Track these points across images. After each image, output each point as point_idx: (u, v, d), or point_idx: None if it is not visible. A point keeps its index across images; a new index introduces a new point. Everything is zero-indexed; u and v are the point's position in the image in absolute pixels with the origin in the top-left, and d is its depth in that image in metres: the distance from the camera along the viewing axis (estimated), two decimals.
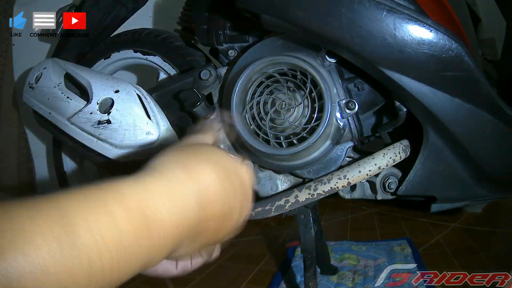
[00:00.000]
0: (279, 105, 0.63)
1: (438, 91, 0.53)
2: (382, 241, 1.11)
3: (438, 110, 0.54)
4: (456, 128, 0.55)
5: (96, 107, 0.63)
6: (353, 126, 0.65)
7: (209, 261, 0.44)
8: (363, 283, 0.87)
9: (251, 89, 0.65)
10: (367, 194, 0.69)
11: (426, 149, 0.59)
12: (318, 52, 0.63)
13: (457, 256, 0.98)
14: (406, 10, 0.51)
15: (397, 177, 0.65)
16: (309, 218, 0.71)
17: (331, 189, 0.64)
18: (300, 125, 0.62)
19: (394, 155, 0.62)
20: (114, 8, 0.92)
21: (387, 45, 0.52)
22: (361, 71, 0.59)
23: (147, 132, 0.64)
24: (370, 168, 0.62)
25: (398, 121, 0.60)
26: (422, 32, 0.51)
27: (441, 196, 0.62)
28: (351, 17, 0.52)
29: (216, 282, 0.98)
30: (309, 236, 0.72)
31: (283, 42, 0.66)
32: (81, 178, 1.25)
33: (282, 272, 0.96)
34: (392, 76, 0.54)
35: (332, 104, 0.61)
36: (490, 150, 0.58)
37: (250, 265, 1.05)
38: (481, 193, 0.61)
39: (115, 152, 0.65)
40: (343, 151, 0.67)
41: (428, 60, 0.52)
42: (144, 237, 0.27)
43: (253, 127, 0.65)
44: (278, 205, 0.66)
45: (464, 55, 0.51)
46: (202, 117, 0.69)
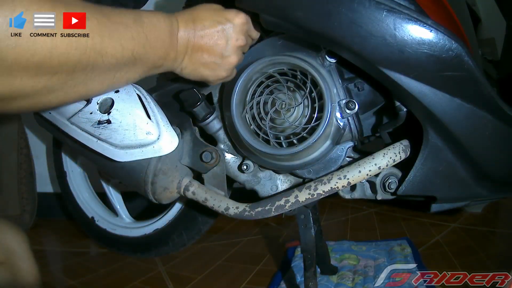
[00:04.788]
0: (279, 105, 0.63)
1: (438, 91, 0.53)
2: (382, 241, 1.11)
3: (438, 110, 0.54)
4: (456, 128, 0.55)
5: (96, 107, 0.63)
6: (353, 126, 0.65)
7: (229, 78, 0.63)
8: (363, 283, 0.87)
9: (251, 89, 0.65)
10: (367, 194, 0.69)
11: (426, 149, 0.59)
12: (318, 52, 0.63)
13: (457, 256, 0.98)
14: (406, 10, 0.51)
15: (397, 177, 0.65)
16: (309, 218, 0.71)
17: (331, 189, 0.64)
18: (300, 125, 0.62)
19: (394, 155, 0.62)
20: None
21: (387, 45, 0.52)
22: (361, 71, 0.59)
23: (147, 132, 0.64)
24: (370, 168, 0.62)
25: (398, 121, 0.60)
26: (422, 32, 0.51)
27: (441, 196, 0.62)
28: (351, 17, 0.52)
29: (216, 282, 0.98)
30: (309, 236, 0.72)
31: (283, 42, 0.66)
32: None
33: (282, 272, 0.96)
34: (392, 76, 0.54)
35: (332, 104, 0.61)
36: (490, 150, 0.58)
37: (250, 265, 1.05)
38: (481, 193, 0.61)
39: (115, 152, 0.65)
40: (343, 151, 0.67)
41: (428, 60, 0.52)
42: (136, 27, 0.46)
43: (253, 127, 0.65)
44: (278, 205, 0.66)
45: (464, 55, 0.51)
46: (201, 117, 0.69)
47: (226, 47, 0.57)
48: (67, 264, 1.20)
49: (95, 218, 1.19)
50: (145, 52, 0.48)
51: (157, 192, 0.70)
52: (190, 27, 0.55)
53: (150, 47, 0.48)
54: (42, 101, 0.40)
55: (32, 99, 0.39)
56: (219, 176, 0.72)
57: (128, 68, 0.47)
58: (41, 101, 0.40)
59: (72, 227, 1.50)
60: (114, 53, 0.43)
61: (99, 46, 0.40)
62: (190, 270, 1.06)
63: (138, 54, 0.46)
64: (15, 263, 0.65)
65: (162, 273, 1.06)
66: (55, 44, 0.36)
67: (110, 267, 1.12)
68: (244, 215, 0.68)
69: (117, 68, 0.45)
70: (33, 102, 0.39)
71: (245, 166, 0.71)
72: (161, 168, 0.68)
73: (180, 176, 0.73)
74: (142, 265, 1.12)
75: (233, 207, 0.69)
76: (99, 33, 0.40)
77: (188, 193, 0.72)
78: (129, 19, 0.45)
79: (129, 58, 0.45)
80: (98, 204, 1.22)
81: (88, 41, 0.39)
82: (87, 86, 0.43)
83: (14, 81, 0.35)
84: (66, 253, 1.30)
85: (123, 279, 1.03)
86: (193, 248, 1.20)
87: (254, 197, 0.73)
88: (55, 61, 0.37)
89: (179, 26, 0.54)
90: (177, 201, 1.06)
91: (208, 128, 0.71)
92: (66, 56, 0.37)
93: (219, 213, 0.71)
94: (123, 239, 1.15)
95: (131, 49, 0.45)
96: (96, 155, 0.67)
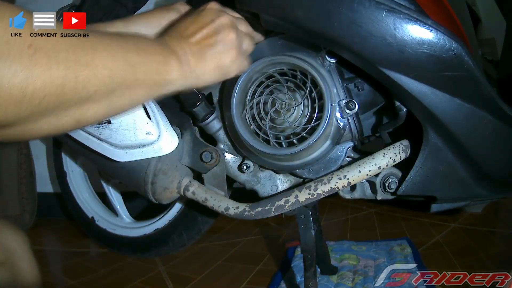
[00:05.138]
0: (279, 105, 0.63)
1: (438, 91, 0.53)
2: (382, 241, 1.11)
3: (438, 110, 0.54)
4: (456, 128, 0.55)
5: None
6: (353, 126, 0.65)
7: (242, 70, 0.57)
8: (363, 283, 0.87)
9: (251, 89, 0.65)
10: (367, 194, 0.69)
11: (426, 149, 0.59)
12: (318, 52, 0.63)
13: (457, 256, 0.98)
14: (406, 10, 0.51)
15: (397, 177, 0.65)
16: (309, 218, 0.71)
17: (331, 189, 0.64)
18: (300, 125, 0.62)
19: (394, 155, 0.62)
20: (114, 8, 0.92)
21: (387, 45, 0.52)
22: (361, 71, 0.59)
23: (147, 132, 0.64)
24: (370, 168, 0.62)
25: (398, 121, 0.60)
26: (422, 32, 0.51)
27: (441, 196, 0.62)
28: (351, 17, 0.52)
29: (216, 282, 0.98)
30: (309, 236, 0.72)
31: (283, 42, 0.66)
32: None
33: (282, 272, 0.96)
34: (392, 76, 0.54)
35: (332, 104, 0.61)
36: (490, 150, 0.58)
37: (250, 265, 1.05)
38: (481, 193, 0.61)
39: (115, 152, 0.66)
40: (343, 151, 0.67)
41: (428, 60, 0.52)
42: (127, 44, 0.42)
43: (253, 127, 0.65)
44: (278, 205, 0.66)
45: (464, 55, 0.51)
46: (201, 117, 0.69)
47: (214, 19, 0.53)
48: (67, 264, 1.20)
49: (95, 218, 1.19)
50: (138, 67, 0.42)
51: (157, 192, 0.70)
52: (174, 33, 0.52)
53: (142, 59, 0.43)
54: (31, 128, 0.36)
55: (19, 127, 0.35)
56: (219, 176, 0.72)
57: (123, 90, 0.41)
58: (30, 128, 0.36)
59: (72, 227, 1.50)
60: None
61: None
62: (190, 270, 1.06)
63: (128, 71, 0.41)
64: (15, 263, 0.65)
65: (162, 273, 1.06)
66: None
67: (110, 267, 1.12)
68: (244, 215, 0.68)
69: (112, 88, 0.40)
70: (20, 130, 0.36)
71: (245, 166, 0.71)
72: (161, 168, 0.68)
73: (180, 176, 0.73)
74: (142, 265, 1.12)
75: (233, 207, 0.69)
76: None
77: (188, 193, 0.72)
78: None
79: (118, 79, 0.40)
80: (98, 204, 1.22)
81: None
82: (81, 109, 0.38)
83: None
84: (66, 253, 1.30)
85: (123, 279, 1.03)
86: (193, 248, 1.20)
87: (254, 197, 0.73)
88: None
89: (165, 40, 0.50)
90: (177, 201, 1.07)
91: (208, 128, 0.71)
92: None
93: (219, 213, 0.71)
94: (123, 239, 1.15)
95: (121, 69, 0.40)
96: (96, 155, 0.67)
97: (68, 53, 0.35)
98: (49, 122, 0.37)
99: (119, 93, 0.41)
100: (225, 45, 0.53)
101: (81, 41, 0.37)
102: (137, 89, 0.43)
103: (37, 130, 0.37)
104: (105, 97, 0.39)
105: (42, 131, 0.37)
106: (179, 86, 0.49)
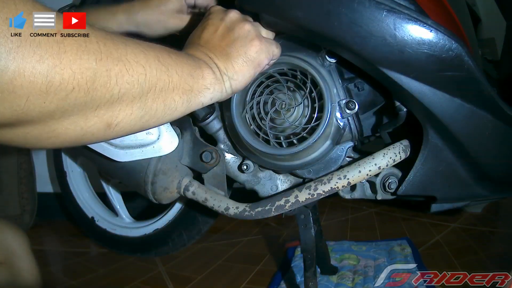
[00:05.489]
0: (279, 105, 0.63)
1: (438, 91, 0.53)
2: (382, 241, 1.12)
3: (438, 110, 0.54)
4: (456, 128, 0.55)
5: None
6: (353, 126, 0.65)
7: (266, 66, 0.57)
8: (363, 283, 0.87)
9: (251, 89, 0.65)
10: (367, 194, 0.69)
11: (426, 149, 0.59)
12: (318, 52, 0.63)
13: (457, 256, 0.98)
14: (406, 10, 0.51)
15: (397, 177, 0.65)
16: (309, 218, 0.71)
17: (331, 189, 0.63)
18: (300, 125, 0.62)
19: (394, 155, 0.62)
20: None
21: (387, 45, 0.52)
22: (361, 71, 0.59)
23: (147, 132, 0.64)
24: (370, 168, 0.62)
25: (398, 121, 0.60)
26: (422, 32, 0.51)
27: (441, 196, 0.62)
28: (351, 17, 0.52)
29: (216, 282, 0.98)
30: (309, 236, 0.72)
31: (283, 42, 0.66)
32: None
33: (282, 272, 0.96)
34: (392, 76, 0.54)
35: (332, 104, 0.61)
36: (490, 150, 0.58)
37: (250, 265, 1.05)
38: (481, 193, 0.61)
39: (115, 152, 0.66)
40: (343, 151, 0.67)
41: (428, 60, 0.52)
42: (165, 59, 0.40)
43: (253, 127, 0.65)
44: (278, 205, 0.66)
45: (464, 55, 0.51)
46: (201, 117, 0.69)
47: (223, 18, 0.53)
48: (67, 264, 1.20)
49: (95, 218, 1.19)
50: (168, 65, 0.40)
51: (157, 192, 0.70)
52: (190, 45, 0.52)
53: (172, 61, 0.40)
54: (56, 128, 0.31)
55: (42, 125, 0.30)
56: (219, 176, 0.72)
57: (157, 92, 0.38)
58: (54, 128, 0.31)
59: (72, 227, 1.50)
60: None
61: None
62: (190, 270, 1.06)
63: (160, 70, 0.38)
64: (15, 263, 0.65)
65: (162, 273, 1.06)
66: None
67: (110, 267, 1.12)
68: (244, 215, 0.68)
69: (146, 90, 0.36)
70: (44, 129, 0.31)
71: (245, 166, 0.71)
72: (161, 168, 0.68)
73: (180, 176, 0.73)
74: (142, 265, 1.12)
75: (233, 207, 0.69)
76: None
77: (188, 193, 0.72)
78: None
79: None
80: (98, 204, 1.22)
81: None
82: (112, 110, 0.34)
83: (19, 101, 0.27)
84: (66, 253, 1.30)
85: (123, 279, 1.03)
86: (193, 248, 1.20)
87: (254, 197, 0.73)
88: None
89: (187, 52, 0.49)
90: (177, 201, 1.07)
91: (208, 128, 0.71)
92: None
93: (219, 213, 0.71)
94: (123, 239, 1.15)
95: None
96: (96, 155, 0.67)
97: (99, 45, 0.32)
98: (75, 122, 0.32)
99: (153, 96, 0.37)
100: (244, 38, 0.51)
101: (110, 36, 0.34)
102: (172, 94, 0.40)
103: (62, 131, 0.32)
104: (138, 98, 0.36)
105: (68, 132, 0.33)
106: (216, 92, 0.46)
